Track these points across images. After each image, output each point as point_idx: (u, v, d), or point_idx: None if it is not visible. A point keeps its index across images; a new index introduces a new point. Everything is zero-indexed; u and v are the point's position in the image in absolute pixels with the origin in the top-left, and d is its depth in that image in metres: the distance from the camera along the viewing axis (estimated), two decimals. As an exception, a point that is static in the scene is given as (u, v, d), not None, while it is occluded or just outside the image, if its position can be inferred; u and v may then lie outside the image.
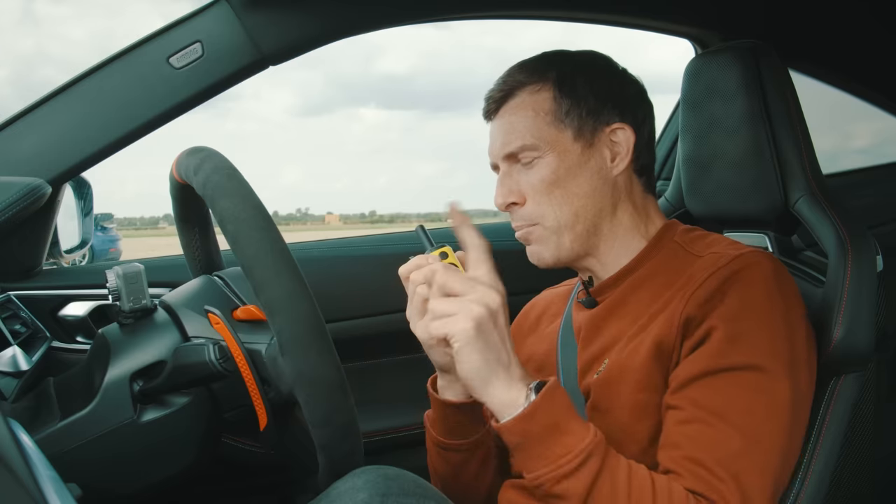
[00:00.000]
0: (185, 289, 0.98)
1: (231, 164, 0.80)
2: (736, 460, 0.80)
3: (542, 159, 0.96)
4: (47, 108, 1.15)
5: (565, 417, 0.79)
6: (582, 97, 0.97)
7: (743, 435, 0.81)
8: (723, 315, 0.85)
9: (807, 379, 0.89)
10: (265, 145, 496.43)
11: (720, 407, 0.82)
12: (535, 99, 0.97)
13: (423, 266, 0.96)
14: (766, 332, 0.85)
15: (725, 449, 0.80)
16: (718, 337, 0.84)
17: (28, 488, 0.46)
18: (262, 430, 0.88)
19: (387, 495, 0.73)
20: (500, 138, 0.99)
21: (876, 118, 1.73)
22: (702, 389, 0.83)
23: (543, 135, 0.96)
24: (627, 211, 1.00)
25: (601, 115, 0.97)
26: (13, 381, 0.93)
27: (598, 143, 0.97)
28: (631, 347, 0.91)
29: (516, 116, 0.98)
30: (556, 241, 0.98)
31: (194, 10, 1.18)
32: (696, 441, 0.82)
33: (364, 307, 1.49)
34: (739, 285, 0.86)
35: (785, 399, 0.83)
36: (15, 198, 1.07)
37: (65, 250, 1.34)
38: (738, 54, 1.08)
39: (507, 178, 0.99)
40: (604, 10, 1.42)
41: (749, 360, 0.83)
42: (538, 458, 0.78)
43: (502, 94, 1.00)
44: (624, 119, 0.98)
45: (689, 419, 0.83)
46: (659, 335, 0.88)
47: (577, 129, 0.96)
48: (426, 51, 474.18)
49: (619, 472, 0.78)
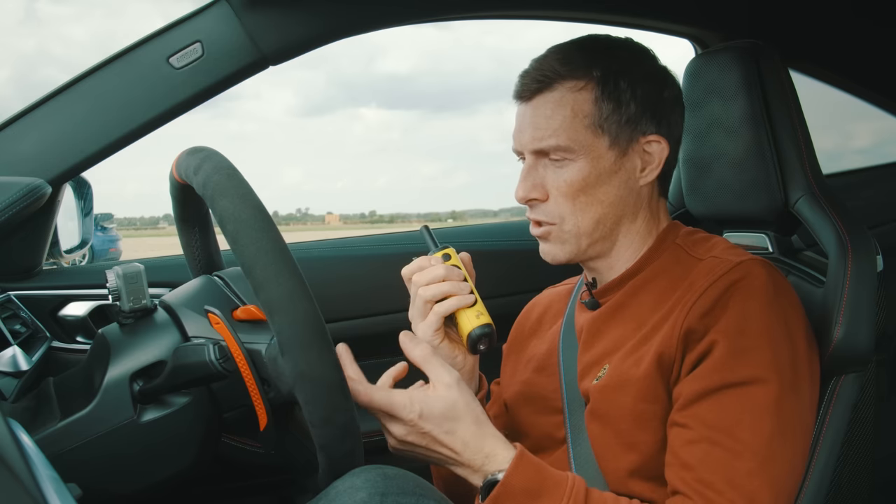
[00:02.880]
0: (185, 289, 0.98)
1: (231, 164, 0.80)
2: (746, 480, 0.79)
3: (573, 162, 0.93)
4: (47, 108, 1.15)
5: (537, 482, 0.82)
6: (624, 102, 0.93)
7: (753, 453, 0.80)
8: (724, 329, 0.84)
9: (810, 387, 0.88)
10: (266, 145, 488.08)
11: (728, 425, 0.81)
12: (576, 98, 0.93)
13: (425, 268, 0.97)
14: (768, 345, 0.84)
15: (734, 469, 0.80)
16: (721, 352, 0.83)
17: (28, 488, 0.46)
18: (262, 430, 0.88)
19: (386, 494, 0.73)
20: (531, 130, 0.95)
21: (876, 118, 1.73)
22: (708, 406, 0.83)
23: (579, 137, 0.93)
24: (644, 218, 0.99)
25: (639, 124, 0.94)
26: (13, 381, 0.93)
27: (632, 153, 0.95)
28: (633, 359, 0.90)
29: (553, 112, 0.93)
30: (574, 244, 0.96)
31: (194, 10, 1.18)
32: (704, 462, 0.81)
33: (364, 307, 1.49)
34: (739, 296, 0.85)
35: (791, 411, 0.83)
36: (15, 198, 1.07)
37: (65, 250, 1.34)
38: (738, 54, 1.08)
39: (532, 171, 0.96)
40: (604, 10, 1.43)
41: (754, 374, 0.82)
42: None
43: (540, 83, 0.94)
44: (660, 130, 0.95)
45: (696, 439, 0.82)
46: (660, 347, 0.87)
47: (614, 137, 0.93)
48: (427, 51, 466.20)
49: None
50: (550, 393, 1.03)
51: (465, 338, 0.96)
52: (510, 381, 1.12)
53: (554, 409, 1.01)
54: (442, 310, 0.95)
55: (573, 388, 0.99)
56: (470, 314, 0.96)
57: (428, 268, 0.97)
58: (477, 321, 0.95)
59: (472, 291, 0.97)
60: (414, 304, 0.98)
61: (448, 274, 0.96)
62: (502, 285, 1.44)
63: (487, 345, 0.96)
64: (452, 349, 0.99)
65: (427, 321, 0.96)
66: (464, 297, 0.95)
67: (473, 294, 0.97)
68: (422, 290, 0.96)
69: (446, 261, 0.98)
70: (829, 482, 0.96)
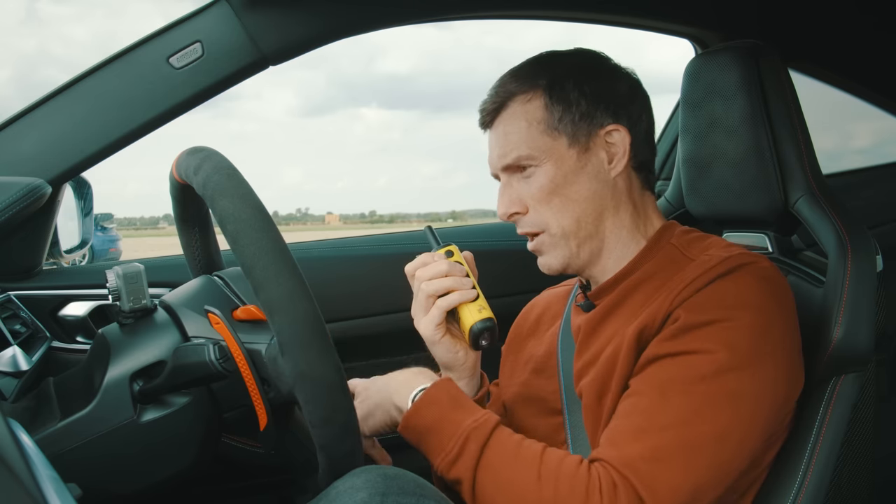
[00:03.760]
0: (185, 289, 0.98)
1: (231, 164, 0.80)
2: (654, 435, 0.80)
3: (539, 168, 0.96)
4: (47, 108, 1.15)
5: (448, 410, 0.86)
6: (573, 102, 0.96)
7: (676, 411, 0.80)
8: (690, 305, 0.85)
9: (775, 375, 0.85)
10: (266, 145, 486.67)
11: (659, 385, 0.83)
12: (527, 108, 0.97)
13: (428, 263, 0.98)
14: (728, 321, 0.83)
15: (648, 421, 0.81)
16: (679, 325, 0.85)
17: (28, 488, 0.46)
18: (262, 430, 0.88)
19: (386, 495, 0.73)
20: (496, 149, 1.00)
21: (876, 118, 1.73)
22: (650, 371, 0.85)
23: (538, 144, 0.96)
24: (628, 211, 0.99)
25: (594, 118, 0.96)
26: (13, 381, 0.93)
27: (594, 147, 0.97)
28: (615, 343, 0.91)
29: (510, 127, 0.98)
30: (564, 248, 0.98)
31: (194, 10, 1.18)
32: (621, 415, 0.84)
33: (364, 307, 1.49)
34: (720, 281, 0.86)
35: (737, 387, 0.82)
36: (15, 198, 1.07)
37: (65, 250, 1.34)
38: (738, 54, 1.08)
39: (507, 188, 1.00)
40: (604, 10, 1.43)
41: (701, 347, 0.83)
42: (431, 452, 0.87)
43: (495, 105, 1.00)
44: (618, 119, 0.97)
45: (627, 396, 0.86)
46: (641, 331, 0.88)
47: (572, 135, 0.96)
48: (427, 51, 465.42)
49: (505, 448, 0.83)
50: (549, 394, 1.03)
51: (467, 332, 0.97)
52: (508, 382, 1.12)
53: (553, 411, 1.01)
54: (444, 304, 0.96)
55: (571, 390, 0.99)
56: (472, 309, 0.97)
57: (431, 263, 0.98)
58: (479, 315, 0.96)
59: (474, 287, 0.98)
60: (416, 300, 0.99)
61: (451, 269, 0.97)
62: (501, 285, 1.44)
63: (489, 340, 0.97)
64: (454, 345, 0.99)
65: (429, 316, 0.97)
66: (466, 292, 0.97)
67: (476, 289, 0.97)
68: (425, 285, 0.97)
69: (449, 257, 0.99)
70: (829, 482, 0.96)
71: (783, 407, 0.89)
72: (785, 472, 0.95)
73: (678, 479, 0.78)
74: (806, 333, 0.93)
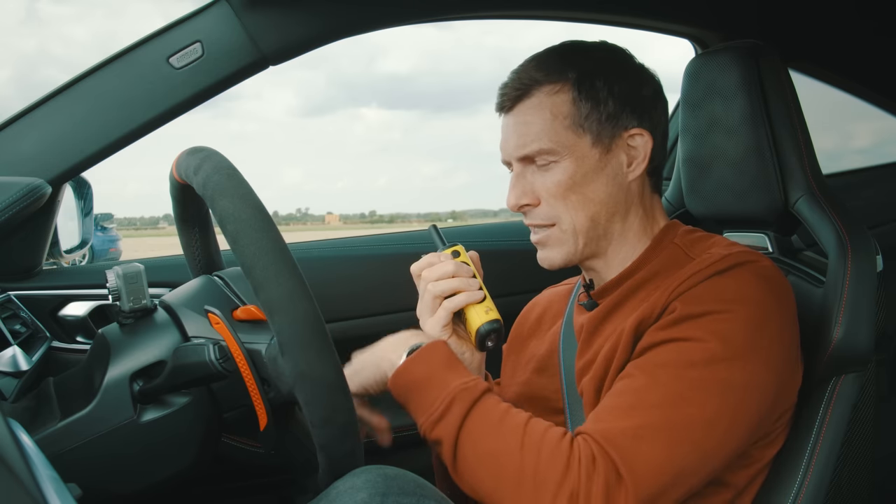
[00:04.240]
0: (185, 289, 0.98)
1: (231, 164, 0.80)
2: (640, 413, 0.80)
3: (558, 164, 0.95)
4: (47, 108, 1.15)
5: (439, 370, 0.86)
6: (602, 101, 0.94)
7: (664, 392, 0.81)
8: (688, 297, 0.86)
9: (767, 370, 0.85)
10: (266, 145, 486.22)
11: (651, 368, 0.83)
12: (554, 101, 0.95)
13: (435, 264, 0.97)
14: (724, 313, 0.83)
15: (636, 399, 0.81)
16: (676, 315, 0.85)
17: (28, 488, 0.46)
18: (262, 430, 0.88)
19: (386, 495, 0.73)
20: (514, 138, 0.97)
21: (876, 118, 1.73)
22: (645, 358, 0.85)
23: (561, 139, 0.94)
24: (638, 214, 0.99)
25: (620, 119, 0.95)
26: (13, 381, 0.93)
27: (616, 149, 0.96)
28: (614, 338, 0.92)
29: (533, 117, 0.95)
30: (570, 245, 0.97)
31: (194, 10, 1.18)
32: (611, 394, 0.84)
33: (364, 307, 1.49)
34: (718, 276, 0.86)
35: (728, 377, 0.82)
36: (15, 198, 1.07)
37: (65, 250, 1.34)
38: (738, 54, 1.08)
39: (520, 178, 0.98)
40: (604, 10, 1.43)
41: (695, 335, 0.83)
42: (416, 409, 0.87)
43: (518, 91, 0.97)
44: (642, 124, 0.96)
45: (620, 378, 0.86)
46: (639, 322, 0.88)
47: (596, 135, 0.95)
48: (427, 51, 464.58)
49: (490, 414, 0.83)
50: (551, 393, 1.03)
51: (473, 334, 0.96)
52: (510, 381, 1.12)
53: (555, 410, 1.01)
54: (451, 305, 0.96)
55: (573, 388, 0.99)
56: (479, 310, 0.96)
57: (438, 264, 0.97)
58: (486, 316, 0.96)
59: (481, 288, 0.97)
60: (422, 300, 0.98)
61: (458, 270, 0.96)
62: (502, 285, 1.43)
63: (496, 341, 0.97)
64: (460, 345, 0.99)
65: (436, 317, 0.96)
66: (473, 293, 0.96)
67: (482, 290, 0.97)
68: (431, 286, 0.96)
69: (455, 258, 0.99)
70: (829, 481, 0.96)
71: (775, 402, 0.88)
72: (785, 472, 0.95)
73: (659, 458, 0.78)
74: (806, 333, 0.93)
